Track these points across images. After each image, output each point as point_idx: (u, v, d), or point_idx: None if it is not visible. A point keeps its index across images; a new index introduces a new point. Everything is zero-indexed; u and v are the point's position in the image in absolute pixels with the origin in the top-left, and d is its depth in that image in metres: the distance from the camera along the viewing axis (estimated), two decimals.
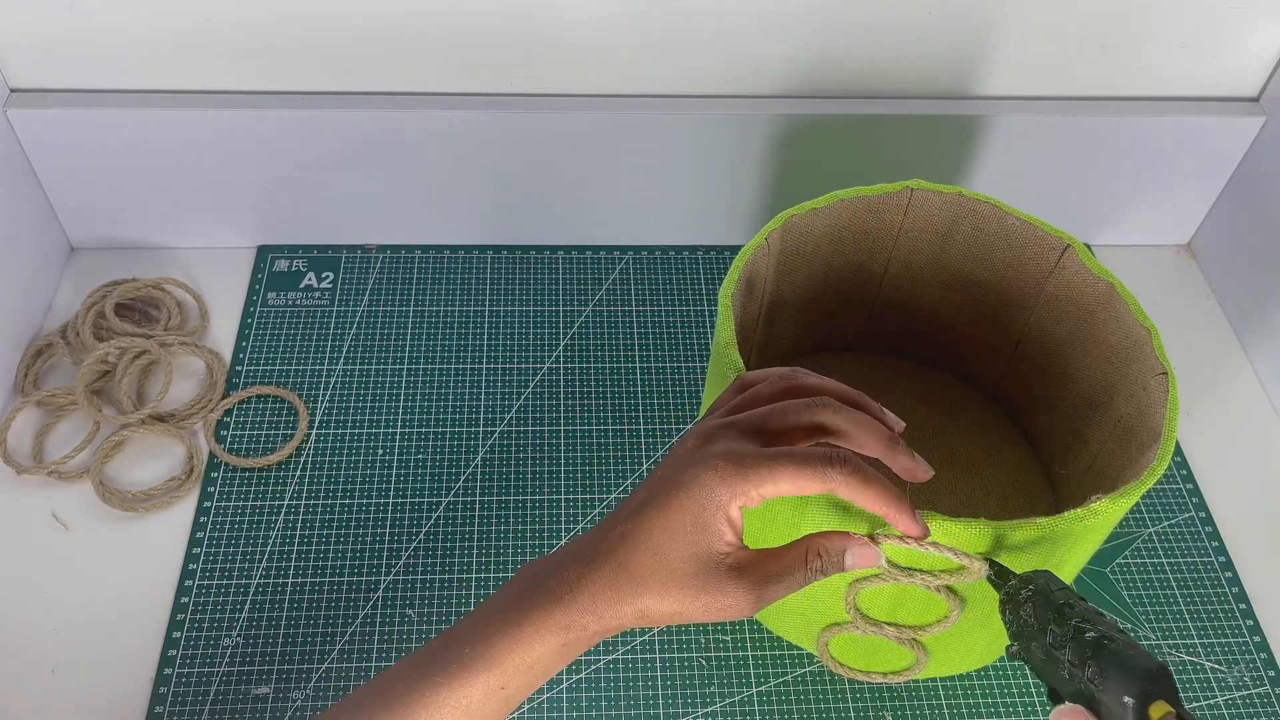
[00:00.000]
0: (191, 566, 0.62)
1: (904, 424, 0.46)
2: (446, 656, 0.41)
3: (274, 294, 0.76)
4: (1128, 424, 0.56)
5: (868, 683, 0.59)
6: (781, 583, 0.43)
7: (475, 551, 0.64)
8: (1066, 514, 0.47)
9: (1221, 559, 0.66)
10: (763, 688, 0.59)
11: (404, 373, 0.72)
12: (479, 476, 0.67)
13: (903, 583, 0.50)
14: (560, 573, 0.42)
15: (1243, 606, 0.64)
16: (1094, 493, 0.49)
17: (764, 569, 0.43)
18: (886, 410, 0.47)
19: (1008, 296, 0.64)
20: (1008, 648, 0.45)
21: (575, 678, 0.59)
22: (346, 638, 0.60)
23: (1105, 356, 0.59)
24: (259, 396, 0.70)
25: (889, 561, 0.49)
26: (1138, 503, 0.68)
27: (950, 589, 0.50)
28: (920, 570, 0.49)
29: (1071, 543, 0.49)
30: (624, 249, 0.81)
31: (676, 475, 0.43)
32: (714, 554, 0.42)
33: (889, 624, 0.53)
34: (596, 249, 0.81)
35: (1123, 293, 0.57)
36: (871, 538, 0.45)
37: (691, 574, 0.42)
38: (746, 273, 0.57)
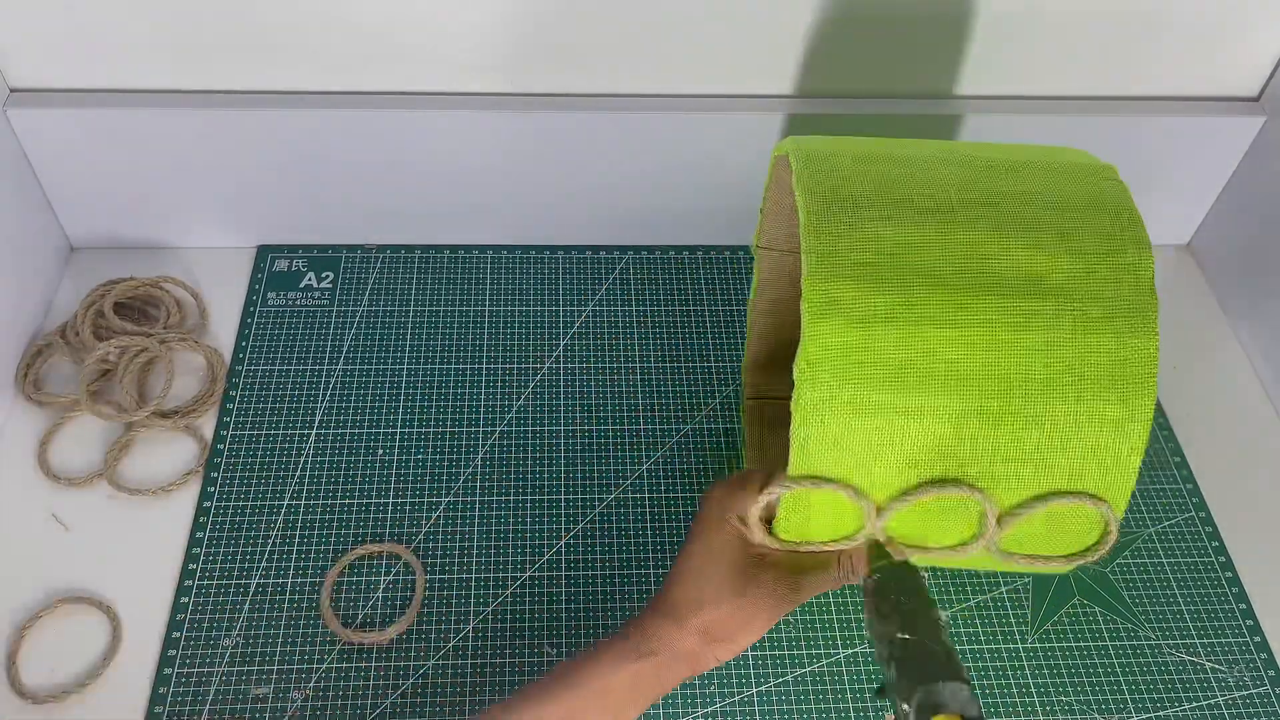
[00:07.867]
0: (191, 566, 0.62)
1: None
2: (545, 681, 0.49)
3: (274, 294, 0.76)
4: None
5: (928, 561, 0.53)
6: (815, 576, 0.51)
7: (475, 551, 0.64)
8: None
9: (1221, 559, 0.66)
10: (762, 687, 0.59)
11: (404, 373, 0.72)
12: (479, 476, 0.67)
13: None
14: (634, 619, 0.50)
15: (1243, 606, 0.64)
16: None
17: (797, 561, 0.51)
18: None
19: None
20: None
21: None
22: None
23: None
24: (260, 396, 0.70)
25: None
26: (1138, 503, 0.68)
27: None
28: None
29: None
30: (624, 249, 0.81)
31: (698, 515, 0.52)
32: (743, 554, 0.50)
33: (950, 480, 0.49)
34: (596, 249, 0.81)
35: None
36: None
37: (730, 577, 0.49)
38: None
